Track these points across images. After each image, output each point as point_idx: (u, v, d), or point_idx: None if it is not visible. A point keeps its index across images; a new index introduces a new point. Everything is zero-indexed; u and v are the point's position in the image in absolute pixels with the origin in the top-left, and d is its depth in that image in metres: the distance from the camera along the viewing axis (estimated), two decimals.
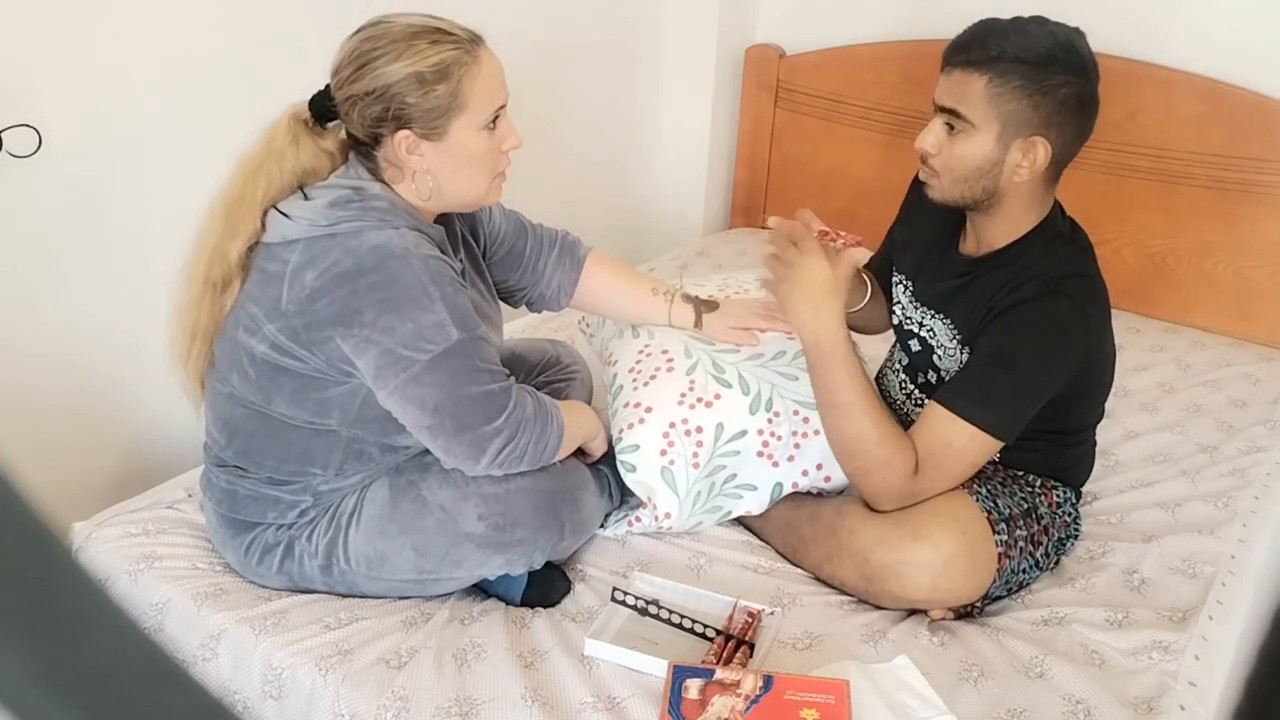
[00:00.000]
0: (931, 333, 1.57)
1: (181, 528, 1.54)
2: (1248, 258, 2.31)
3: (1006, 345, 1.40)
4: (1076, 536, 1.59)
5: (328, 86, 1.32)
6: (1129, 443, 1.90)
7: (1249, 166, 2.25)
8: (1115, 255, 2.44)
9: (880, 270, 1.75)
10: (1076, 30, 1.38)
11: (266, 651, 1.33)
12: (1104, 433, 1.91)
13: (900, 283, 1.66)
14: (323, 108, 1.33)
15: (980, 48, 1.36)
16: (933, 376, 1.59)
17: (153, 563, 1.46)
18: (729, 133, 2.94)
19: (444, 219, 1.43)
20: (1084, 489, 1.70)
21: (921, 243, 1.61)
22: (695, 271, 2.50)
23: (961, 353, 1.50)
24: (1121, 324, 2.39)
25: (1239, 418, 2.00)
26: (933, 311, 1.57)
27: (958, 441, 1.39)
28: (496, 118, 1.33)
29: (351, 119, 1.31)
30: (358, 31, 1.30)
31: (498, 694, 1.26)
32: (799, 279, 1.42)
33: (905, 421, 1.58)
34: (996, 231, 1.47)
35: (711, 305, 1.65)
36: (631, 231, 2.93)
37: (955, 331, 1.52)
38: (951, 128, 1.40)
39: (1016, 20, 1.37)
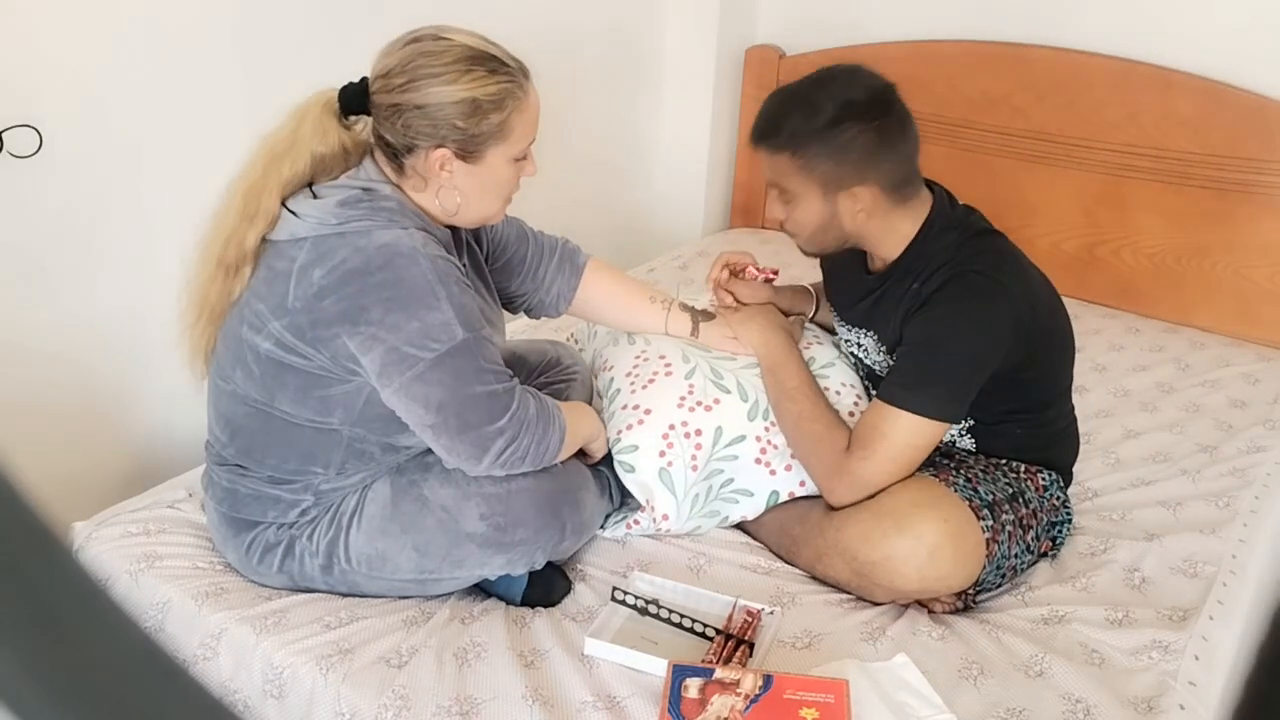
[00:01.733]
0: (865, 350, 1.63)
1: (182, 527, 1.54)
2: (1247, 258, 2.31)
3: (928, 331, 1.45)
4: (1069, 521, 1.59)
5: (364, 81, 1.32)
6: (1129, 442, 1.90)
7: (1248, 166, 2.25)
8: (1115, 255, 2.44)
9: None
10: (850, 74, 1.46)
11: (267, 651, 1.33)
12: (1104, 432, 1.91)
13: (834, 313, 1.74)
14: (353, 101, 1.33)
15: (773, 131, 1.46)
16: None
17: (153, 562, 1.46)
18: (729, 133, 2.94)
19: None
20: (1085, 483, 1.71)
21: (839, 275, 1.70)
22: (695, 272, 2.50)
23: (890, 360, 1.55)
24: (1121, 324, 2.40)
25: (1239, 418, 2.00)
26: (862, 330, 1.63)
27: (889, 427, 1.43)
28: (527, 150, 1.35)
29: (393, 125, 1.30)
30: (414, 41, 1.29)
31: (498, 693, 1.26)
32: (751, 313, 1.65)
33: None
34: (885, 248, 1.54)
35: (708, 316, 1.67)
36: (632, 232, 2.93)
37: (880, 343, 1.58)
38: (784, 199, 1.50)
39: (800, 89, 1.46)
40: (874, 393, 1.70)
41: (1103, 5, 2.37)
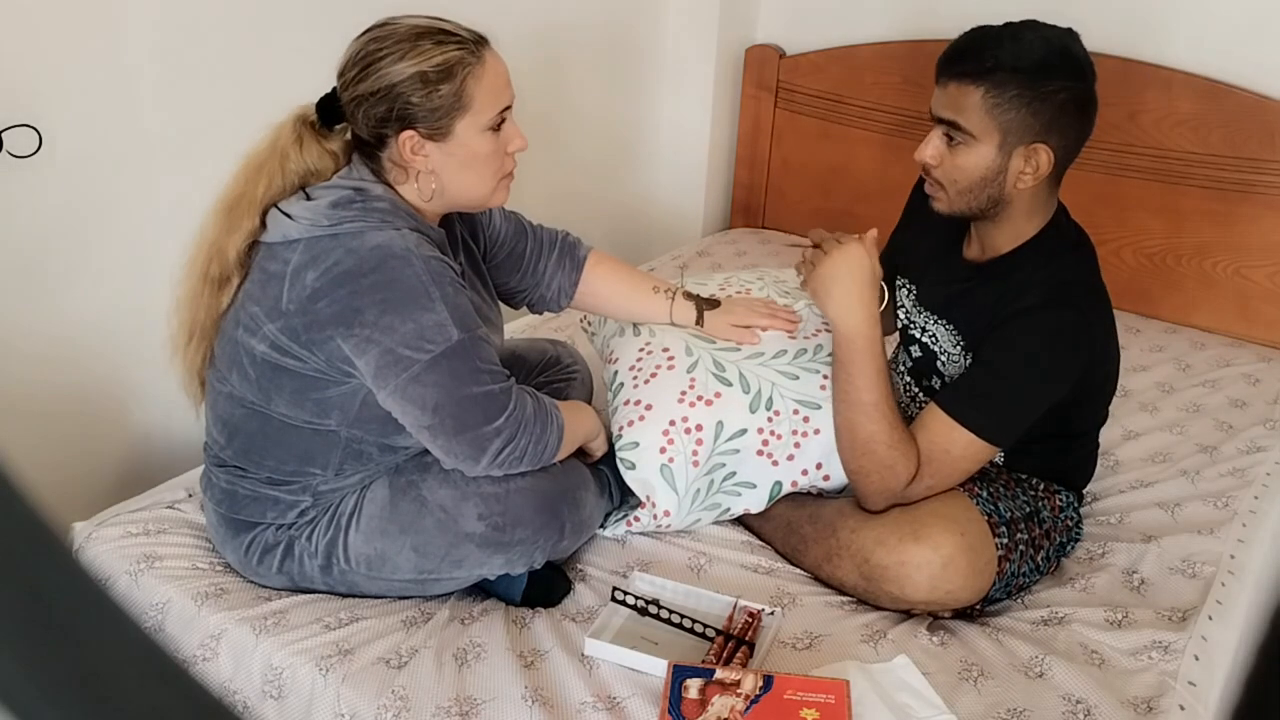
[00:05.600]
0: (934, 338, 1.57)
1: (182, 528, 1.54)
2: (1247, 258, 2.31)
3: (1011, 355, 1.41)
4: (1078, 539, 1.59)
5: (335, 89, 1.33)
6: (1129, 443, 1.90)
7: (1248, 166, 2.25)
8: (1115, 255, 2.44)
9: (885, 274, 1.75)
10: (1069, 32, 1.38)
11: (267, 651, 1.33)
12: (1104, 433, 1.90)
13: (904, 286, 1.66)
14: (329, 110, 1.33)
15: (974, 58, 1.36)
16: (936, 382, 1.59)
17: (153, 563, 1.46)
18: (729, 133, 2.94)
19: (445, 221, 1.44)
20: (1085, 490, 1.70)
21: (925, 247, 1.61)
22: (695, 271, 2.50)
23: (965, 358, 1.51)
24: (1121, 324, 2.37)
25: (1239, 418, 2.00)
26: (935, 317, 1.57)
27: (956, 448, 1.41)
28: (502, 119, 1.33)
29: (357, 120, 1.31)
30: (364, 33, 1.30)
31: (498, 694, 1.26)
32: (843, 265, 1.43)
33: (909, 422, 1.58)
34: (1001, 237, 1.48)
35: (713, 303, 1.65)
36: (631, 231, 2.93)
37: (959, 337, 1.52)
38: (951, 139, 1.40)
39: (1008, 27, 1.37)
40: (904, 379, 1.67)
41: (1103, 5, 2.36)
